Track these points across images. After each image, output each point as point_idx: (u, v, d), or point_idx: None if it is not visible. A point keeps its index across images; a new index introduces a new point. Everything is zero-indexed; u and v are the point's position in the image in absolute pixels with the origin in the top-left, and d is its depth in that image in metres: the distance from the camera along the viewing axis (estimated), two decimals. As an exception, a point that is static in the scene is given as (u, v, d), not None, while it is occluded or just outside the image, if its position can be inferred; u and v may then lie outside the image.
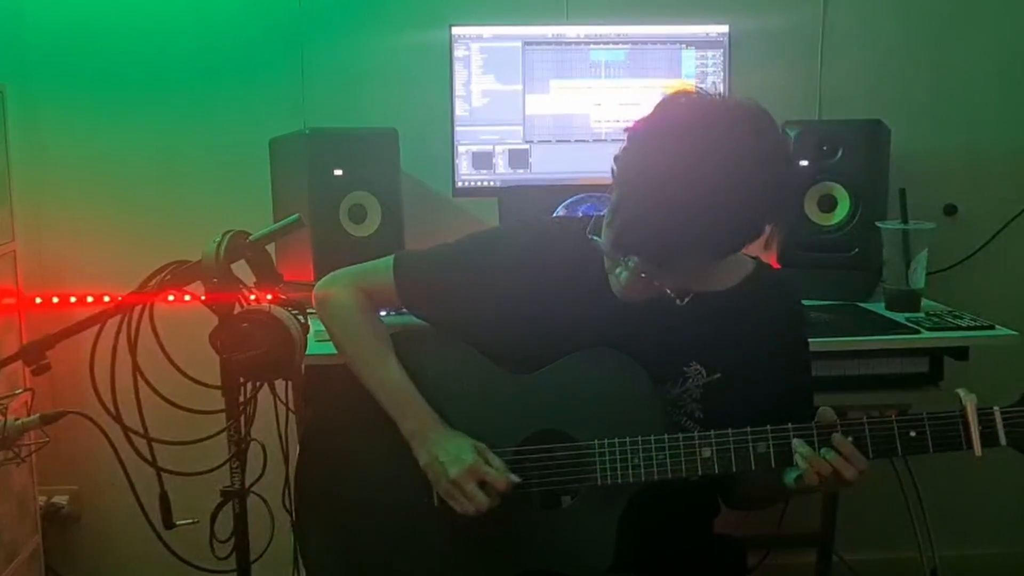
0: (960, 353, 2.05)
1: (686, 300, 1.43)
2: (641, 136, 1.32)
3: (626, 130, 1.34)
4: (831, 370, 2.03)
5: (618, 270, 1.38)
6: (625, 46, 2.37)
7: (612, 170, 1.35)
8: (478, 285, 1.52)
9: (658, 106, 1.34)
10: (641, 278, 1.34)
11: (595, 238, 1.37)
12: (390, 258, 1.60)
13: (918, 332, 2.05)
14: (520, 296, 1.49)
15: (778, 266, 2.35)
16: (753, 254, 1.57)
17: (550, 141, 2.39)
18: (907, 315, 2.16)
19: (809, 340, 1.59)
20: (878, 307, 2.24)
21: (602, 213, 1.39)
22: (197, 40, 2.46)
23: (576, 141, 2.39)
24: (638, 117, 1.35)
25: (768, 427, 1.36)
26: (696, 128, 1.28)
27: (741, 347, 1.47)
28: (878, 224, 2.23)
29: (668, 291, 1.37)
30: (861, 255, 2.31)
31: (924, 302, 2.22)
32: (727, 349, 1.46)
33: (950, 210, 2.62)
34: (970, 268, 2.61)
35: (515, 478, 1.43)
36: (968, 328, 2.07)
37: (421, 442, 1.48)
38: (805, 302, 2.14)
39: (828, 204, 2.33)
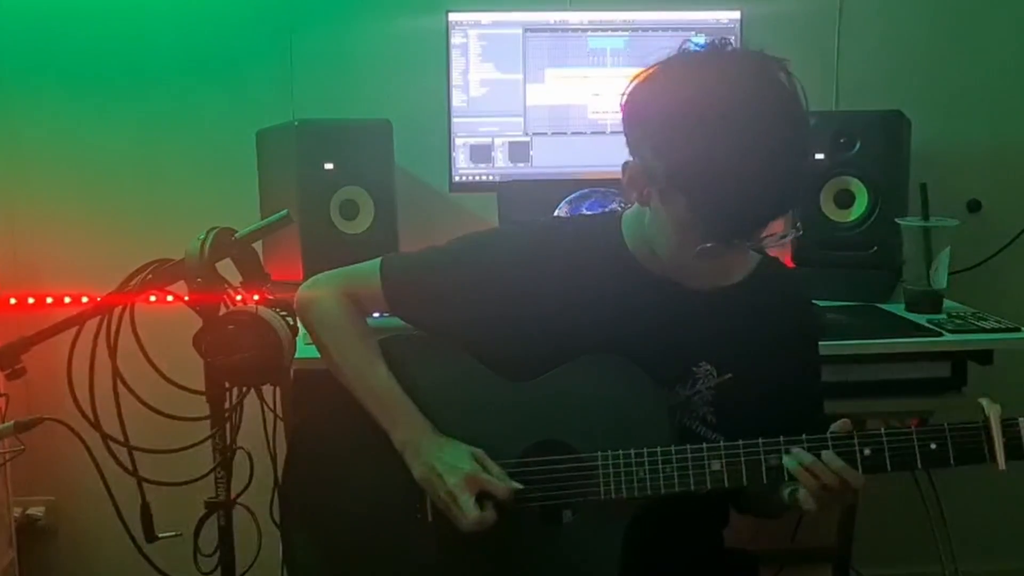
0: (984, 357, 2.05)
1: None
2: (699, 114, 1.29)
3: (669, 124, 1.31)
4: (848, 375, 2.03)
5: (707, 247, 1.34)
6: (625, 33, 2.37)
7: (666, 171, 1.32)
8: (471, 289, 1.51)
9: (684, 82, 1.33)
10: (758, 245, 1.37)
11: (708, 246, 1.33)
12: (377, 261, 1.58)
13: (940, 335, 2.05)
14: (517, 300, 1.49)
15: (792, 265, 2.35)
16: (760, 250, 1.58)
17: (546, 133, 2.39)
18: (928, 317, 2.16)
19: (819, 337, 1.60)
20: (897, 308, 2.24)
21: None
22: (180, 27, 2.46)
23: (573, 134, 2.39)
24: (657, 108, 1.34)
25: (781, 438, 1.37)
26: (745, 82, 1.29)
27: (752, 344, 1.47)
28: (898, 221, 2.24)
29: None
30: (880, 254, 2.31)
31: (946, 303, 2.22)
32: (737, 347, 1.47)
33: (974, 206, 2.62)
34: (995, 267, 2.61)
35: (516, 485, 1.43)
36: (992, 330, 2.07)
37: (415, 453, 1.47)
38: (821, 303, 2.17)
39: (845, 199, 2.33)
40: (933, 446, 1.33)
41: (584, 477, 1.42)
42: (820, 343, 1.61)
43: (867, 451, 1.34)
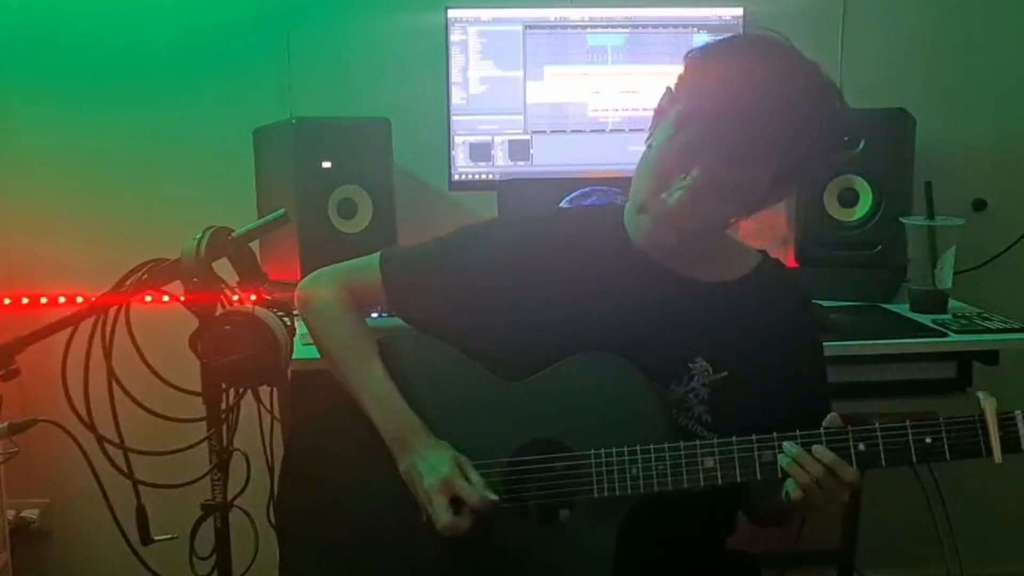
0: (990, 357, 2.05)
1: (732, 224, 1.48)
2: (709, 52, 1.42)
3: (687, 56, 1.43)
4: (852, 375, 2.03)
5: (666, 193, 1.39)
6: (625, 30, 2.38)
7: (669, 91, 1.44)
8: (471, 281, 1.52)
9: (719, 39, 1.46)
10: (699, 192, 1.37)
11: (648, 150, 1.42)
12: (377, 255, 1.60)
13: (945, 335, 2.05)
14: (516, 291, 1.50)
15: (795, 264, 2.35)
16: (765, 250, 1.58)
17: (545, 131, 2.39)
18: (933, 317, 2.16)
19: (822, 339, 1.59)
20: (902, 308, 2.24)
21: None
22: (177, 23, 2.47)
23: (572, 132, 2.39)
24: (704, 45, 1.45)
25: (775, 434, 1.37)
26: (767, 46, 1.40)
27: (749, 342, 1.47)
28: (902, 220, 2.24)
29: (724, 208, 1.41)
30: (884, 253, 2.31)
31: (951, 303, 2.23)
32: (734, 344, 1.47)
33: (979, 205, 2.63)
34: (1000, 267, 2.62)
35: (491, 495, 1.43)
36: (998, 331, 2.07)
37: (402, 449, 1.48)
38: (824, 303, 2.17)
39: (849, 198, 2.34)
40: (928, 440, 1.34)
41: (577, 475, 1.43)
42: (823, 343, 1.61)
43: (861, 446, 1.34)
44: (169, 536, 1.65)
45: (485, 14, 2.35)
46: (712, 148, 1.36)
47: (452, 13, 2.34)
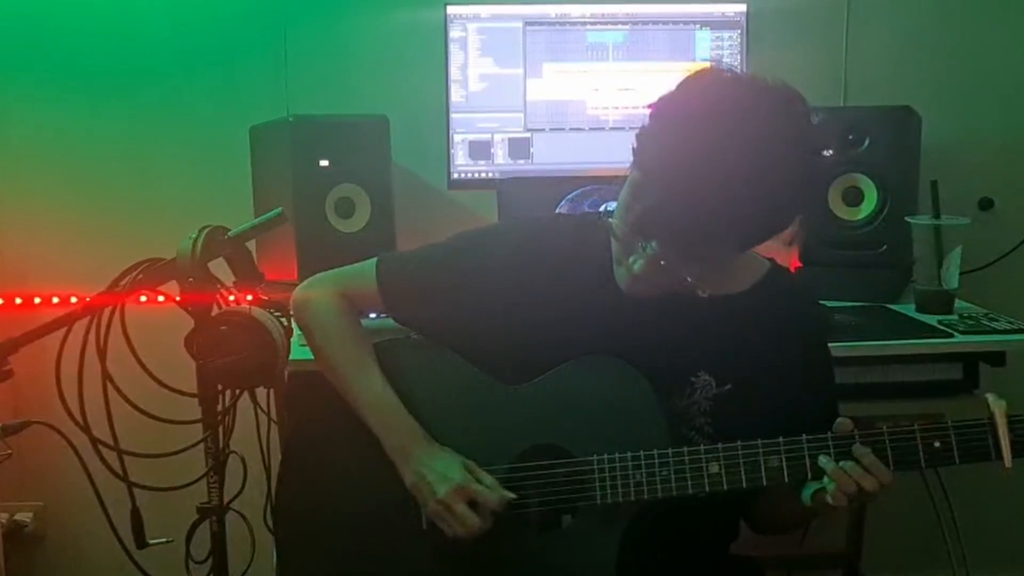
0: (996, 358, 2.05)
1: (706, 293, 1.39)
2: (665, 116, 1.34)
3: (649, 106, 1.35)
4: (857, 377, 2.03)
5: (632, 258, 1.37)
6: (625, 27, 2.37)
7: (633, 147, 1.36)
8: (468, 288, 1.52)
9: (682, 84, 1.36)
10: (660, 266, 1.34)
11: (610, 219, 1.38)
12: (373, 260, 1.60)
13: (951, 336, 2.05)
14: (515, 299, 1.49)
15: (799, 264, 2.35)
16: (773, 252, 1.57)
17: (544, 129, 2.39)
18: (939, 317, 2.16)
19: (830, 349, 1.58)
20: (908, 309, 2.24)
21: (609, 208, 1.41)
22: (172, 21, 2.47)
23: (571, 130, 2.39)
24: (661, 94, 1.36)
25: (780, 439, 1.37)
26: (724, 110, 1.30)
27: (753, 356, 1.46)
28: (908, 219, 2.23)
29: (686, 280, 1.36)
30: (890, 253, 2.31)
31: (958, 303, 2.22)
32: (738, 358, 1.46)
33: (986, 204, 2.63)
34: (1007, 267, 2.61)
35: (509, 494, 1.43)
36: (1005, 331, 2.06)
37: (405, 460, 1.48)
38: (829, 303, 2.17)
39: (854, 197, 2.33)
40: (937, 444, 1.33)
41: (580, 481, 1.43)
42: (828, 344, 1.60)
43: (868, 450, 1.33)
44: (164, 539, 1.66)
45: (484, 11, 2.35)
46: (663, 229, 1.32)
47: (451, 10, 2.34)
